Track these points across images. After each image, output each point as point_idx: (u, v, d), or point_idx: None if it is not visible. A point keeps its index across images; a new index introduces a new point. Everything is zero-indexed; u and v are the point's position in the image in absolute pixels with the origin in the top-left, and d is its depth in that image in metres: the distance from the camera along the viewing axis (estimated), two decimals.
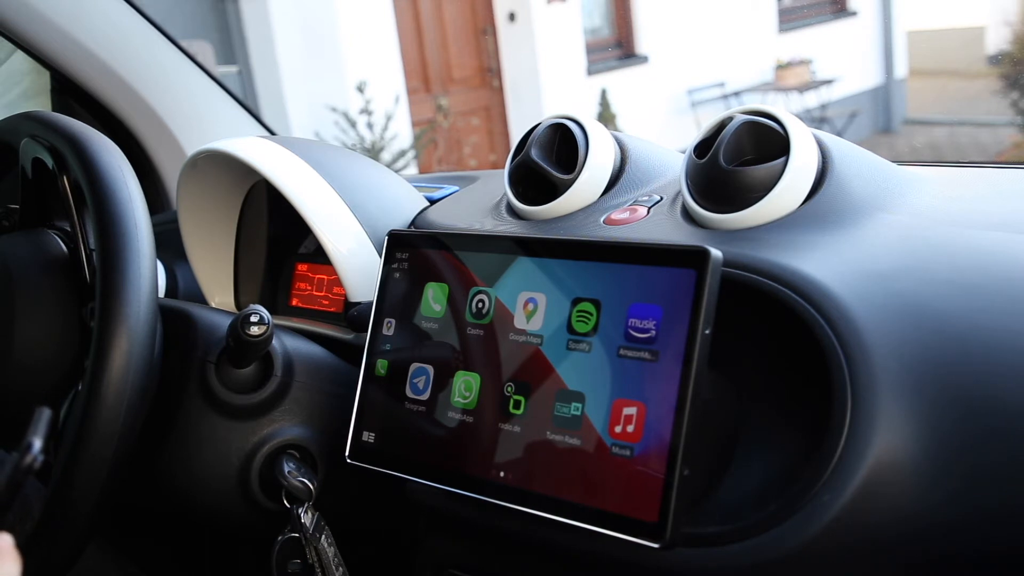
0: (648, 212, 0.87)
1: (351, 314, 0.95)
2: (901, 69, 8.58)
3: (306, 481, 0.84)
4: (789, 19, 8.42)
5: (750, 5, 8.01)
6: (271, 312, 0.82)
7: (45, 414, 0.53)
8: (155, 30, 1.35)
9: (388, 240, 0.83)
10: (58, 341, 0.85)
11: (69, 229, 0.88)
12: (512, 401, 0.72)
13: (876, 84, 8.41)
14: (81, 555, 0.74)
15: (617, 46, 7.69)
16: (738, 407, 0.73)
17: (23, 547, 0.72)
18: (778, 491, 0.66)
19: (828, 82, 7.81)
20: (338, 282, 1.07)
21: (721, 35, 7.70)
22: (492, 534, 0.78)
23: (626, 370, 0.66)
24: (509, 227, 0.94)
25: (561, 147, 0.94)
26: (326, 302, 1.12)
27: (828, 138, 0.83)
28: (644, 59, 7.61)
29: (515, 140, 0.98)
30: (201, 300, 1.16)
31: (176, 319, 0.88)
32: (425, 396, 0.77)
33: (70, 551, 0.72)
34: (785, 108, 1.01)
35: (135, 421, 0.73)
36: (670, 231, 0.82)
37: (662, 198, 0.88)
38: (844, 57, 8.08)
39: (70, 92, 1.36)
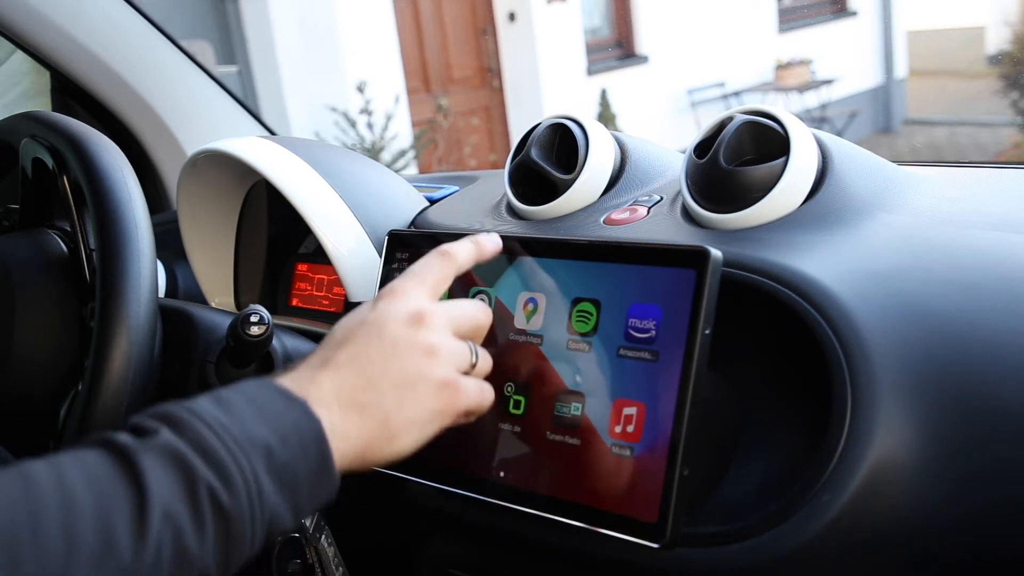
0: (648, 212, 0.87)
1: None
2: (901, 69, 8.57)
3: None
4: (789, 19, 8.41)
5: (750, 5, 8.00)
6: (271, 312, 0.82)
7: None
8: (155, 30, 1.35)
9: (388, 240, 0.83)
10: (58, 341, 0.85)
11: (69, 229, 0.88)
12: (512, 401, 0.72)
13: (876, 84, 8.39)
14: None
15: (617, 46, 7.69)
16: (738, 407, 0.73)
17: None
18: (778, 491, 0.66)
19: (828, 82, 7.80)
20: (338, 282, 1.07)
21: (721, 35, 7.69)
22: (492, 534, 0.78)
23: (626, 370, 0.66)
24: (509, 227, 0.94)
25: (561, 147, 0.94)
26: (326, 302, 1.12)
27: (828, 138, 0.83)
28: (644, 59, 7.60)
29: (515, 140, 0.98)
30: (201, 300, 1.16)
31: (176, 319, 0.87)
32: None
33: None
34: (785, 108, 1.01)
35: None
36: (670, 231, 0.82)
37: (662, 198, 0.88)
38: (844, 57, 8.07)
39: (70, 92, 1.36)
